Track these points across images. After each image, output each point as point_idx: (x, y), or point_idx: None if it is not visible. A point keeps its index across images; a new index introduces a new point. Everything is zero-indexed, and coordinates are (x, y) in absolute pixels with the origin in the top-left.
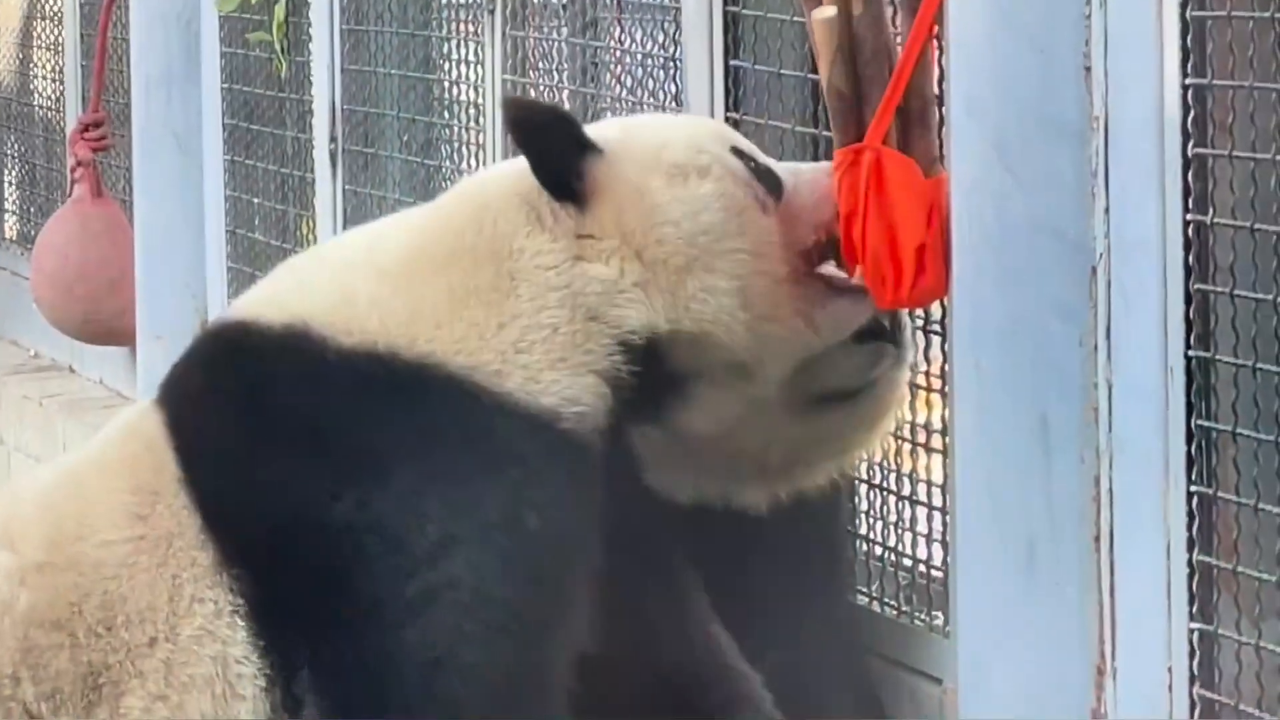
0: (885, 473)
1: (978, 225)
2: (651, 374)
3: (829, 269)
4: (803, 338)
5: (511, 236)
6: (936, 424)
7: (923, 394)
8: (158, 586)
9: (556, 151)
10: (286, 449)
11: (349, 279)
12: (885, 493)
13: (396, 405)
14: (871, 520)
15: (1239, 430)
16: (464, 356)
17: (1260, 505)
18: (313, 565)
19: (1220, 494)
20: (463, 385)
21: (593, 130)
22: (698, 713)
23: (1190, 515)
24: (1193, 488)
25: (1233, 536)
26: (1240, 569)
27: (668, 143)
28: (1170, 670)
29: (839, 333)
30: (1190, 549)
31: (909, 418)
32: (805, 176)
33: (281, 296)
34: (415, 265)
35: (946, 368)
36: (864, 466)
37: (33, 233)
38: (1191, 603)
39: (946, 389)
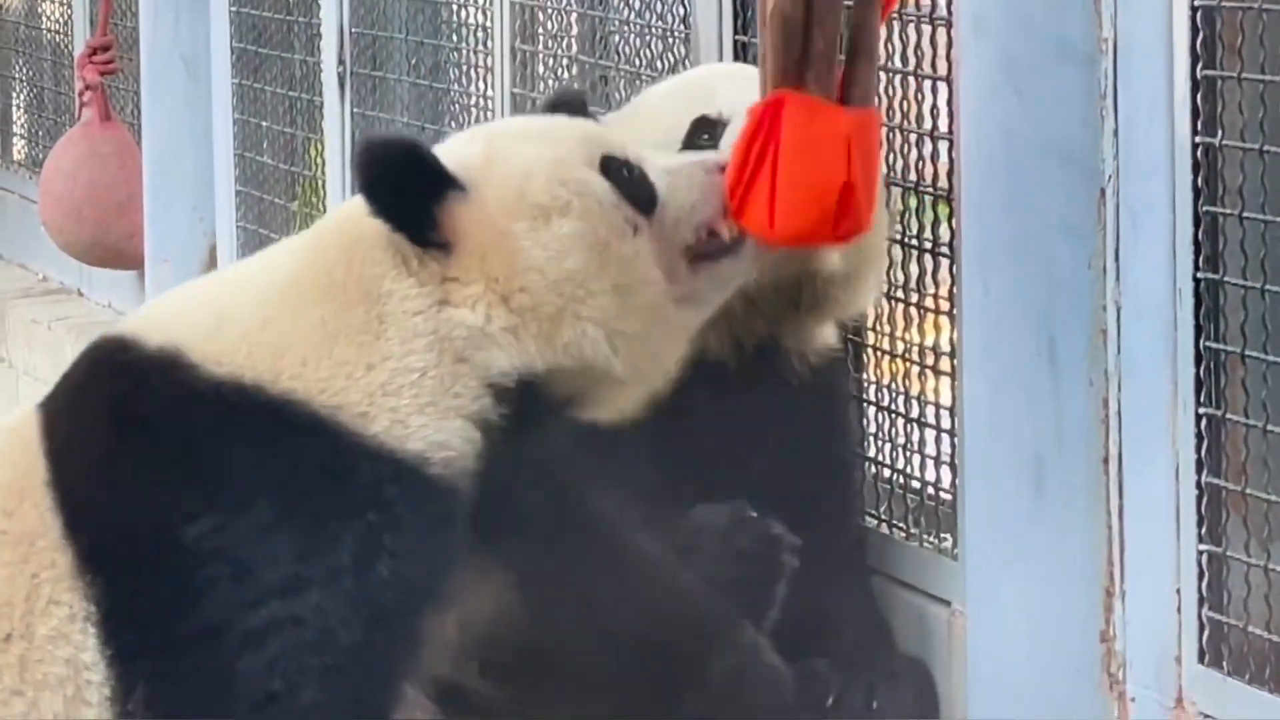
0: (893, 395)
1: (986, 147)
2: (538, 404)
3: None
4: (695, 320)
5: (380, 278)
6: (945, 346)
7: (931, 316)
8: (17, 583)
9: (407, 198)
10: (149, 467)
11: (228, 306)
12: (893, 415)
13: (259, 440)
14: (880, 443)
15: (1247, 352)
16: (329, 396)
17: (1269, 427)
18: (163, 582)
19: (1229, 416)
20: (326, 425)
21: (453, 152)
22: (679, 661)
23: (1199, 437)
24: (1201, 410)
25: (1241, 458)
26: (1249, 491)
27: (529, 175)
28: (1179, 592)
29: (727, 293)
30: (1199, 471)
31: (917, 340)
32: (682, 176)
33: (164, 318)
34: (288, 298)
35: (955, 290)
36: (872, 389)
37: (41, 156)
38: (1200, 525)
39: (955, 311)
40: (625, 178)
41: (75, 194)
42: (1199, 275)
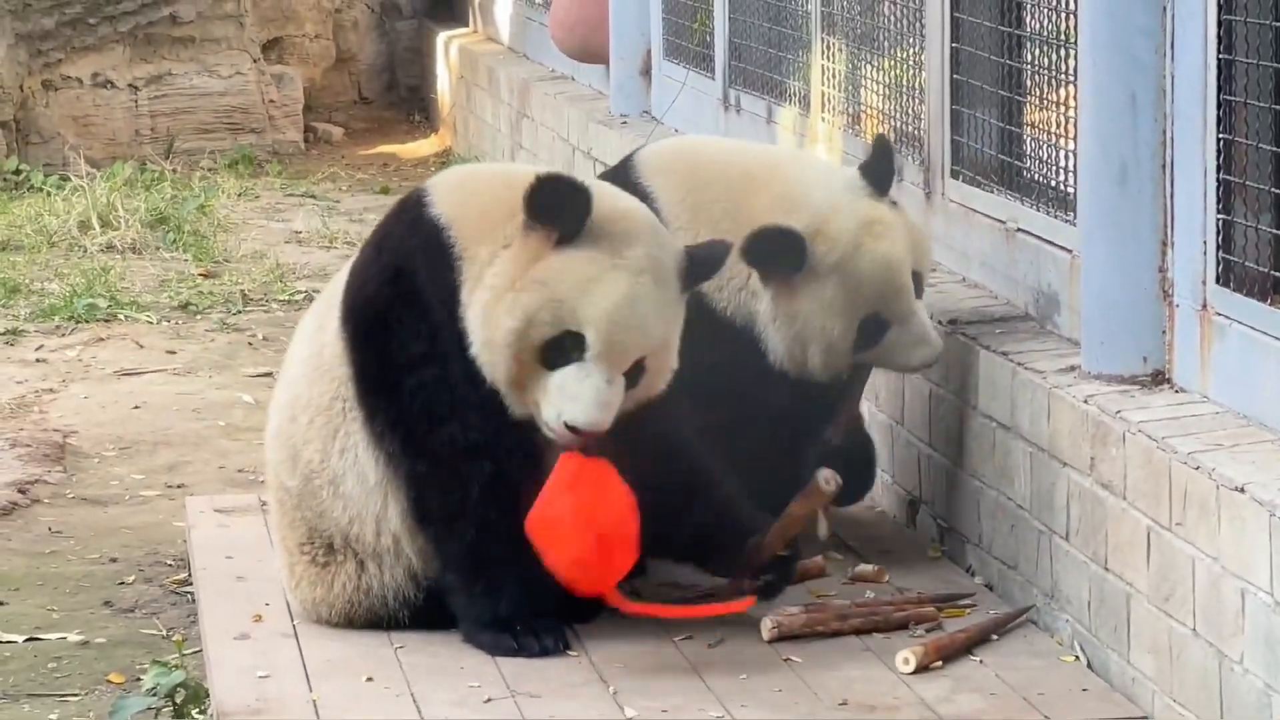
0: (1046, 135)
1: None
2: None
3: None
4: None
5: None
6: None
7: (1069, 89)
8: None
9: None
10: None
11: None
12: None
13: None
14: (1035, 161)
15: (1249, 101)
16: None
17: (1260, 145)
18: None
19: (1236, 139)
20: None
21: None
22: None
23: (1219, 152)
24: (1220, 135)
25: (1243, 165)
26: (1247, 183)
27: None
28: (1205, 243)
29: None
30: (1219, 172)
31: (1057, 100)
32: None
33: None
34: None
35: (1078, 68)
36: (1033, 131)
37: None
38: (1218, 203)
39: (1077, 82)
40: None
41: (569, 17)
42: (1220, 57)
